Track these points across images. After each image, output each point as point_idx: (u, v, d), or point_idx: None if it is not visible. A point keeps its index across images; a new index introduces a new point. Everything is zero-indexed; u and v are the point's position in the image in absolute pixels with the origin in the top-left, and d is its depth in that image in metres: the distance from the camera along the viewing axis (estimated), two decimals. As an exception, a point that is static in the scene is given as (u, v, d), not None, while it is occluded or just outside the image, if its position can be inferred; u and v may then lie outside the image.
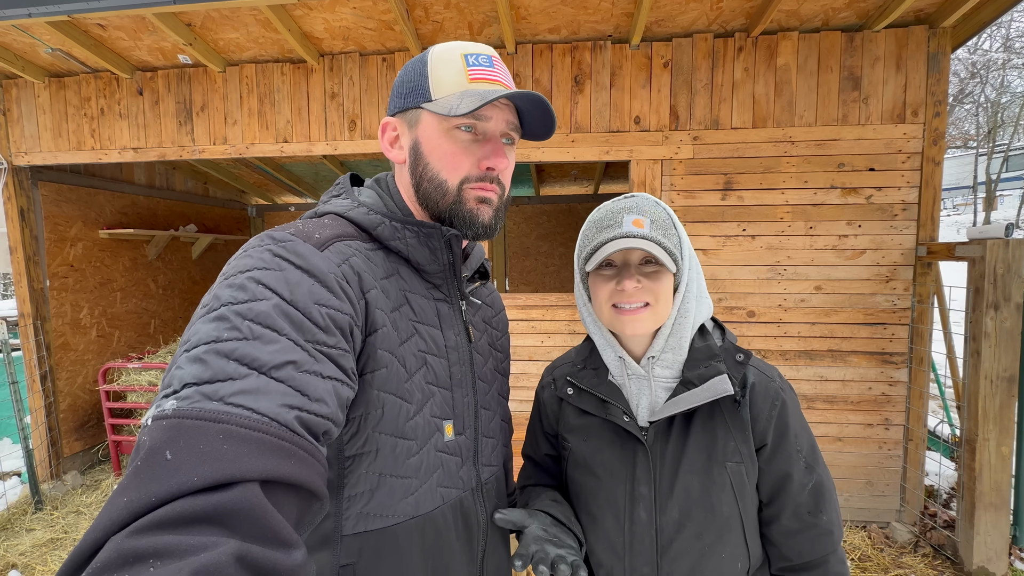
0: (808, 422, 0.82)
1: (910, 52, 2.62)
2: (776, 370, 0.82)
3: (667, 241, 0.75)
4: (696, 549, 0.75)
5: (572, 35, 2.75)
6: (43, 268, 3.43)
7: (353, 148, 2.95)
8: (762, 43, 2.69)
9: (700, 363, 0.78)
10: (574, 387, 0.86)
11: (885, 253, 2.69)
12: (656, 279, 0.76)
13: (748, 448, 0.76)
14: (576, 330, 3.00)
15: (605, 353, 0.84)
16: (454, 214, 0.68)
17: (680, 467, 0.76)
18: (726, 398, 0.77)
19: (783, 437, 0.77)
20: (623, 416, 0.79)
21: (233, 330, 0.45)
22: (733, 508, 0.75)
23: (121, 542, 0.33)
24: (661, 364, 0.80)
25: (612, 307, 0.77)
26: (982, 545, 2.32)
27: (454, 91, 0.65)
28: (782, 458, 0.77)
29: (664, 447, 0.78)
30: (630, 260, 0.77)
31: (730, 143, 2.74)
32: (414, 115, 0.68)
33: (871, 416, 2.75)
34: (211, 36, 2.73)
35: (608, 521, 0.80)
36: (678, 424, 0.78)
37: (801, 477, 0.77)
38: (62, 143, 3.16)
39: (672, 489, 0.76)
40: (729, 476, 0.75)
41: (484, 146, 0.67)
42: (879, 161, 2.67)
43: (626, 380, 0.82)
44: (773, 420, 0.76)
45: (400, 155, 0.71)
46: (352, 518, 0.61)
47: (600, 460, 0.81)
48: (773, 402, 0.77)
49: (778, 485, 0.77)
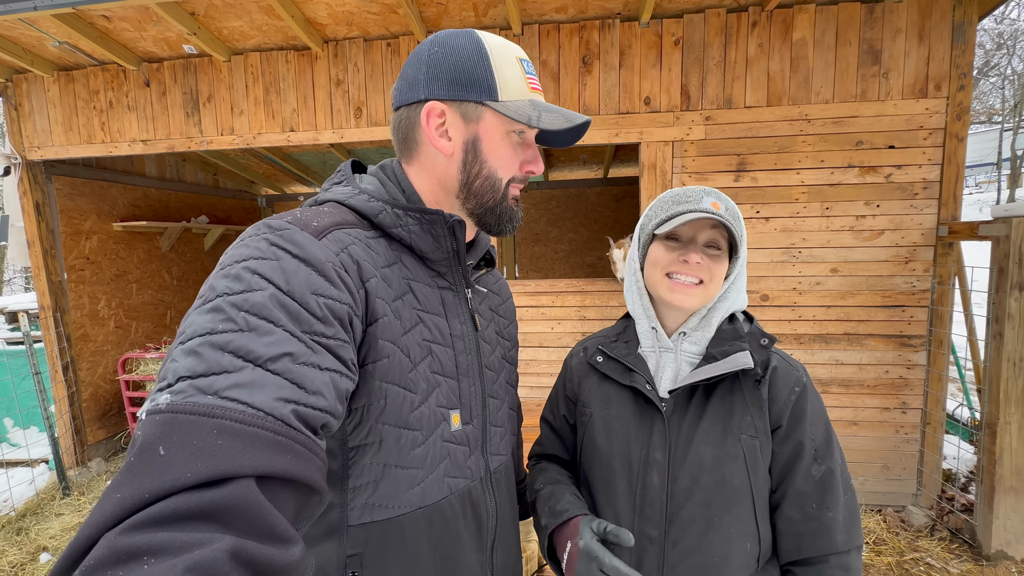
0: (824, 406, 0.83)
1: (934, 23, 2.51)
2: (801, 364, 0.84)
3: (735, 230, 0.79)
4: (704, 518, 0.76)
5: (579, 14, 2.68)
6: (60, 261, 3.49)
7: (359, 136, 2.93)
8: (777, 17, 2.59)
9: (725, 342, 0.82)
10: (604, 355, 0.90)
11: (904, 233, 2.61)
12: (716, 261, 0.80)
13: (764, 424, 0.78)
14: (586, 316, 2.98)
15: (640, 323, 0.88)
16: (501, 210, 0.70)
17: (695, 437, 0.78)
18: (747, 377, 0.79)
19: (798, 422, 0.78)
20: (645, 384, 0.82)
21: (228, 322, 0.44)
22: (744, 481, 0.76)
23: (114, 539, 0.32)
24: (690, 340, 0.84)
25: (667, 276, 0.81)
26: (1001, 529, 2.29)
27: (520, 97, 0.67)
28: (793, 442, 0.78)
29: (682, 417, 0.80)
30: (698, 238, 0.82)
31: (743, 123, 2.66)
32: (474, 110, 0.65)
33: (888, 400, 2.70)
34: (215, 25, 2.71)
35: (621, 484, 0.82)
36: (698, 397, 0.81)
37: (808, 465, 0.77)
38: (73, 137, 3.19)
39: (685, 457, 0.78)
40: (743, 448, 0.77)
41: (527, 151, 0.71)
42: (899, 138, 2.57)
43: (655, 352, 0.86)
44: (791, 404, 0.78)
45: (448, 147, 0.67)
46: (357, 508, 0.61)
47: (619, 426, 0.84)
48: (793, 387, 0.79)
49: (785, 469, 0.78)
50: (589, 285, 2.97)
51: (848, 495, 0.78)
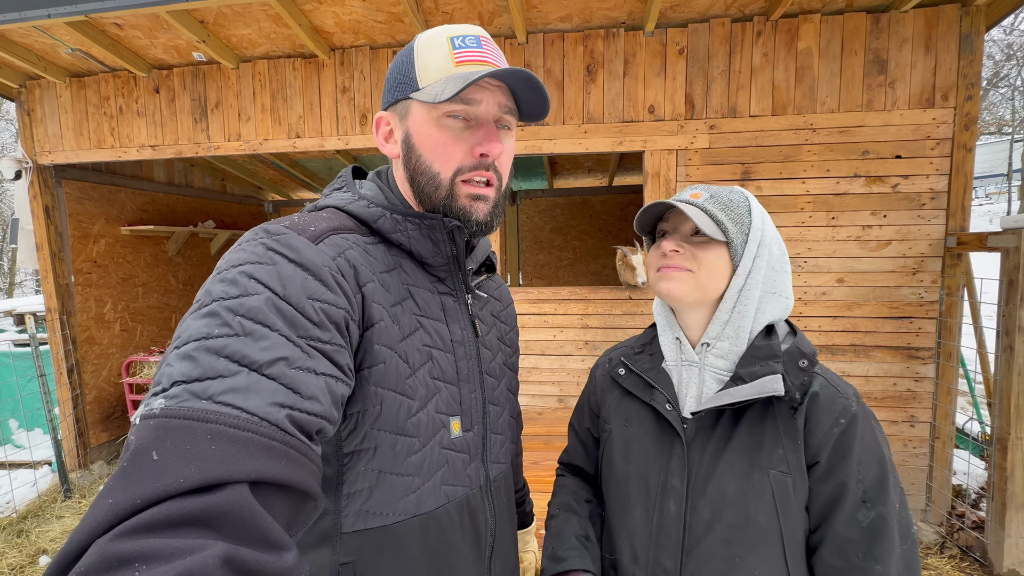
0: (882, 441, 0.71)
1: (940, 33, 2.50)
2: (853, 389, 0.73)
3: (719, 212, 0.73)
4: (724, 556, 0.70)
5: (584, 23, 2.69)
6: (68, 264, 3.52)
7: (364, 143, 2.95)
8: (782, 27, 2.59)
9: (756, 361, 0.72)
10: (626, 368, 0.85)
11: (912, 244, 2.59)
12: (703, 249, 0.74)
13: (798, 459, 0.69)
14: (588, 324, 2.96)
15: (663, 334, 0.82)
16: (447, 209, 0.65)
17: (718, 466, 0.72)
18: (782, 403, 0.71)
19: (842, 459, 0.67)
20: (666, 404, 0.77)
21: (224, 326, 0.44)
22: (772, 521, 0.68)
23: (105, 545, 0.32)
24: (716, 353, 0.76)
25: (656, 271, 0.78)
26: (1013, 547, 2.23)
27: (440, 77, 0.62)
28: (834, 482, 0.68)
29: (705, 443, 0.74)
30: (680, 228, 0.77)
31: (748, 131, 2.66)
32: (404, 107, 0.66)
33: (895, 413, 2.66)
34: (224, 33, 2.75)
35: (637, 509, 0.77)
36: (724, 422, 0.73)
37: (853, 509, 0.67)
38: (83, 142, 3.23)
39: (706, 487, 0.72)
40: (771, 485, 0.68)
41: (476, 132, 0.64)
42: (906, 148, 2.56)
43: (679, 366, 0.79)
44: (833, 438, 0.68)
45: (394, 149, 0.69)
46: (351, 516, 0.60)
47: (638, 446, 0.79)
48: (837, 419, 0.68)
49: (825, 510, 0.69)
50: (592, 293, 2.96)
51: (907, 546, 0.67)
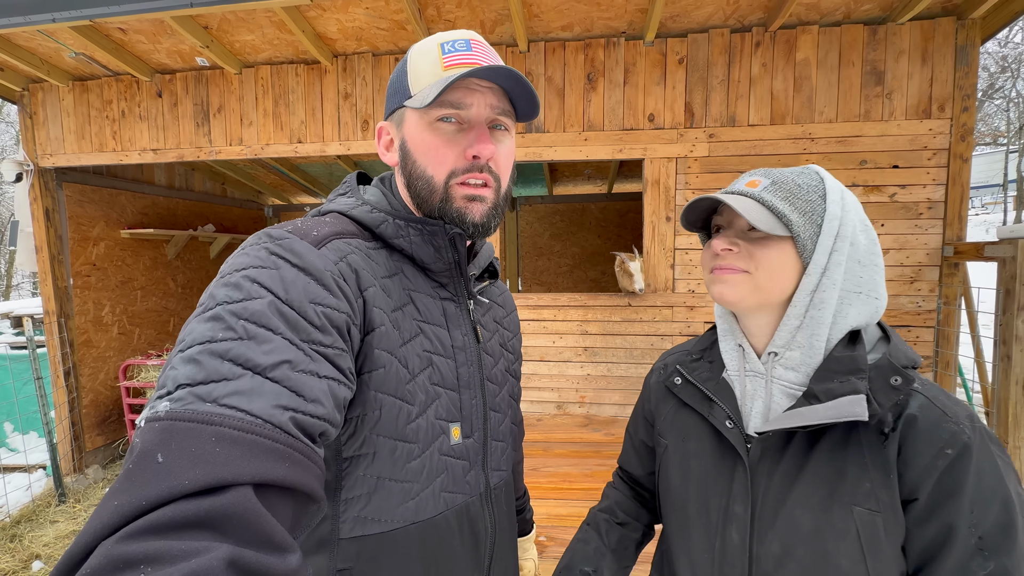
0: (1008, 476, 0.56)
1: (936, 45, 2.53)
2: (969, 411, 0.58)
3: (780, 202, 0.61)
4: None
5: (585, 32, 2.72)
6: (67, 267, 3.52)
7: (366, 148, 2.96)
8: (780, 37, 2.62)
9: (835, 375, 0.60)
10: (682, 377, 0.75)
11: (909, 253, 2.61)
12: (761, 246, 0.63)
13: (890, 497, 0.57)
14: (588, 330, 2.96)
15: (724, 340, 0.72)
16: (443, 213, 0.65)
17: (789, 496, 0.61)
18: (869, 428, 0.59)
19: (949, 498, 0.54)
20: (726, 421, 0.67)
21: (228, 330, 0.45)
22: (857, 565, 0.57)
23: (111, 547, 0.32)
24: (785, 363, 0.65)
25: (709, 273, 0.68)
26: (1012, 557, 2.23)
27: (430, 82, 0.62)
28: (938, 524, 0.55)
29: (773, 466, 0.63)
30: (735, 223, 0.67)
31: (747, 140, 2.68)
32: (400, 115, 0.68)
33: (894, 421, 2.66)
34: (227, 38, 2.77)
35: (697, 534, 0.70)
36: (798, 444, 0.62)
37: (966, 558, 0.54)
38: (85, 145, 3.24)
39: (775, 518, 0.62)
40: (856, 523, 0.57)
41: (468, 134, 0.64)
42: (903, 158, 2.58)
43: (742, 376, 0.69)
44: (937, 472, 0.55)
45: (393, 157, 0.70)
46: (349, 521, 0.60)
47: (696, 465, 0.71)
48: (942, 449, 0.55)
49: (926, 555, 0.57)
50: (591, 299, 2.96)
51: None
